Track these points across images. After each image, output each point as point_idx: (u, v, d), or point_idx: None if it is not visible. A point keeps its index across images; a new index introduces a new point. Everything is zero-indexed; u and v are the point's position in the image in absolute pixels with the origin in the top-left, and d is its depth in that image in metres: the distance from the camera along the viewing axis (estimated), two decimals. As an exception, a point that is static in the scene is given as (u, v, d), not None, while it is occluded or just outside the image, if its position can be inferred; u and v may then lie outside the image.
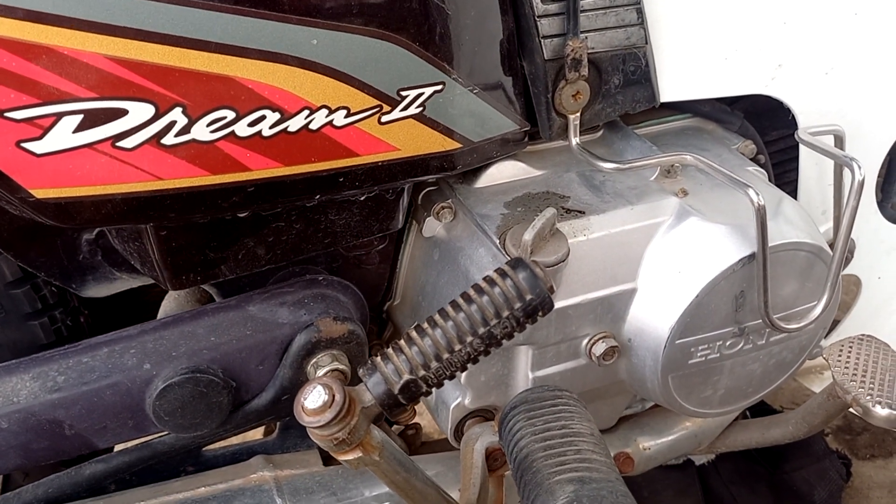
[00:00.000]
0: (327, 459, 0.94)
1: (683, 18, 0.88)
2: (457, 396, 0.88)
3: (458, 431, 0.90)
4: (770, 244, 0.80)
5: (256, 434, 1.00)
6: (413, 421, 1.04)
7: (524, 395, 0.77)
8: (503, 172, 0.89)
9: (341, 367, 0.82)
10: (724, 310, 0.84)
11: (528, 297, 0.57)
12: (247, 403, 0.82)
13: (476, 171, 0.89)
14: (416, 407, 0.96)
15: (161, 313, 0.92)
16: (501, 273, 0.59)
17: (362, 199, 0.79)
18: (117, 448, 0.86)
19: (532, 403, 0.76)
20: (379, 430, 0.59)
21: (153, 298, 1.05)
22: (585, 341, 0.85)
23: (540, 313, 0.59)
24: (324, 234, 0.79)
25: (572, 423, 0.73)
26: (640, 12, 0.84)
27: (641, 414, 1.06)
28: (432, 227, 0.90)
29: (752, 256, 0.82)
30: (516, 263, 0.60)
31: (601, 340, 0.85)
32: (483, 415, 0.90)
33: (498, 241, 0.80)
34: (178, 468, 0.90)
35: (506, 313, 0.57)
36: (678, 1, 0.87)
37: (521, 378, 0.86)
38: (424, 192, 0.90)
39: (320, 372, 0.81)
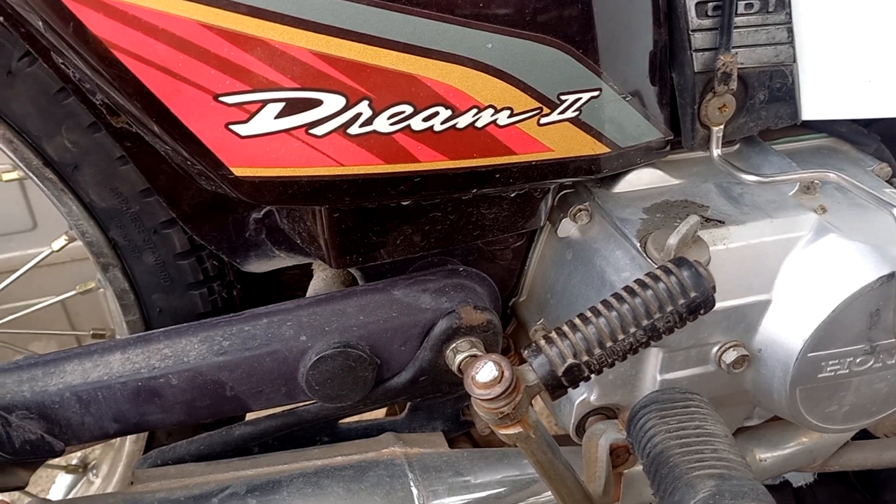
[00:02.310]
0: (451, 443, 0.99)
1: (830, 39, 0.89)
2: (582, 392, 0.91)
3: (580, 427, 0.93)
4: (910, 264, 0.81)
5: (382, 413, 1.06)
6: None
7: (655, 395, 0.79)
8: (641, 179, 0.92)
9: (478, 353, 0.86)
10: (857, 327, 0.85)
11: (693, 293, 0.60)
12: (387, 381, 0.88)
13: (615, 177, 0.92)
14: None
15: (310, 293, 0.98)
16: (666, 270, 0.62)
17: (512, 195, 0.83)
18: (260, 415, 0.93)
19: (663, 403, 0.78)
20: (534, 411, 0.63)
21: (289, 280, 1.12)
22: (716, 348, 0.87)
23: (702, 311, 0.62)
24: (474, 226, 0.83)
25: (706, 424, 0.75)
26: (791, 31, 0.86)
27: (759, 426, 1.06)
28: (567, 228, 0.93)
29: (890, 276, 0.82)
30: (680, 262, 0.63)
31: (732, 348, 0.86)
32: (605, 412, 0.93)
33: (639, 244, 0.83)
34: (315, 437, 0.96)
35: (669, 308, 0.60)
36: (826, 21, 0.88)
37: (648, 379, 0.89)
38: (562, 193, 0.94)
39: (459, 357, 0.85)
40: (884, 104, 0.94)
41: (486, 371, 0.57)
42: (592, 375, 0.61)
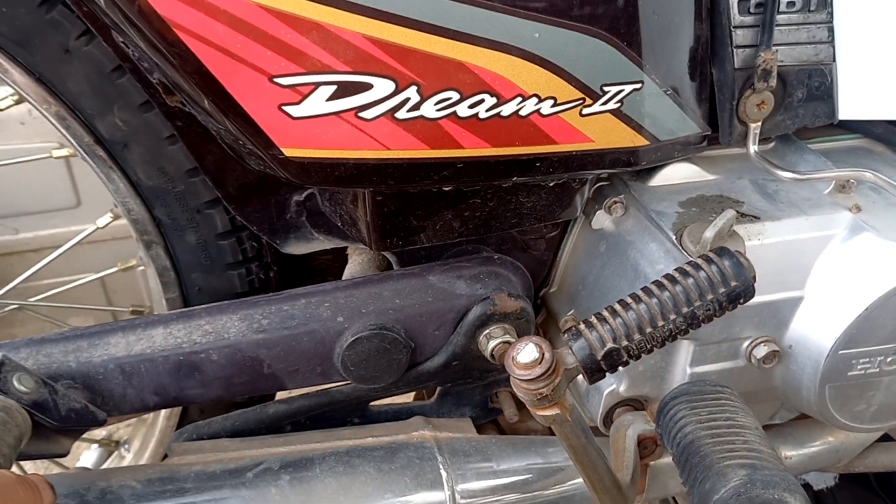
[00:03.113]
0: (478, 429, 1.00)
1: (870, 39, 0.89)
2: (611, 383, 0.92)
3: (608, 418, 0.94)
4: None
5: (409, 398, 1.08)
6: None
7: (685, 387, 0.80)
8: (677, 173, 0.93)
9: (511, 340, 0.87)
10: (889, 326, 0.85)
11: (733, 283, 0.61)
12: (420, 364, 0.89)
13: (650, 171, 0.93)
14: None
15: (346, 276, 1.00)
16: (707, 259, 0.63)
17: (551, 185, 0.84)
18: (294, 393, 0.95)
19: (694, 395, 0.79)
20: (570, 394, 0.64)
21: (321, 265, 1.14)
22: (747, 343, 0.88)
23: (742, 300, 0.62)
24: (512, 214, 0.85)
25: (737, 416, 0.76)
26: (832, 30, 0.87)
27: (784, 424, 1.07)
28: (601, 220, 0.94)
29: (924, 276, 0.83)
30: (721, 251, 0.64)
31: (763, 344, 0.87)
32: (633, 404, 0.94)
33: (674, 237, 0.84)
34: (346, 418, 0.97)
35: (710, 296, 0.61)
36: (867, 22, 0.89)
37: (678, 372, 0.90)
38: (597, 185, 0.95)
39: (492, 343, 0.87)
40: (922, 106, 0.94)
41: (527, 352, 0.58)
42: (631, 361, 0.62)
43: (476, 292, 0.88)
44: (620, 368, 0.89)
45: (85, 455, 1.24)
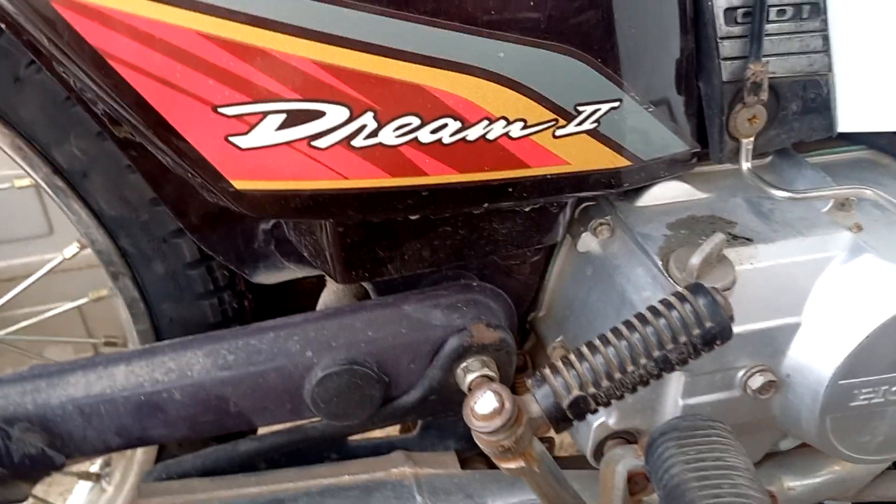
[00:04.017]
0: (464, 462, 0.96)
1: (869, 46, 0.84)
2: (600, 416, 0.87)
3: (598, 451, 0.89)
4: (951, 289, 0.75)
5: (395, 430, 1.03)
6: (547, 434, 1.04)
7: (675, 422, 0.75)
8: (666, 193, 0.88)
9: (490, 373, 0.83)
10: (893, 354, 0.80)
11: (708, 324, 0.57)
12: (396, 399, 0.85)
13: (638, 190, 0.88)
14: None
15: (320, 305, 0.96)
16: (680, 297, 0.59)
17: (527, 210, 0.80)
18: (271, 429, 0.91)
19: (683, 431, 0.74)
20: (539, 442, 0.60)
21: (306, 288, 1.10)
22: (741, 373, 0.83)
23: (718, 342, 0.58)
24: (486, 241, 0.80)
25: (727, 455, 0.71)
26: (826, 39, 0.81)
27: (788, 453, 1.02)
28: (588, 242, 0.89)
29: (930, 301, 0.77)
30: (697, 289, 0.59)
31: (759, 373, 0.82)
32: (624, 436, 0.89)
33: (660, 263, 0.79)
34: (323, 454, 0.93)
35: (683, 339, 0.57)
36: (865, 28, 0.83)
37: (670, 404, 0.84)
38: (582, 206, 0.90)
39: (469, 376, 0.82)
40: (927, 116, 0.88)
41: (485, 401, 0.54)
42: (601, 408, 0.58)
43: (453, 323, 0.83)
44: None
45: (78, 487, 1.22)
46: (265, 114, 0.62)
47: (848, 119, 0.86)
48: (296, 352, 0.81)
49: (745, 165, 0.83)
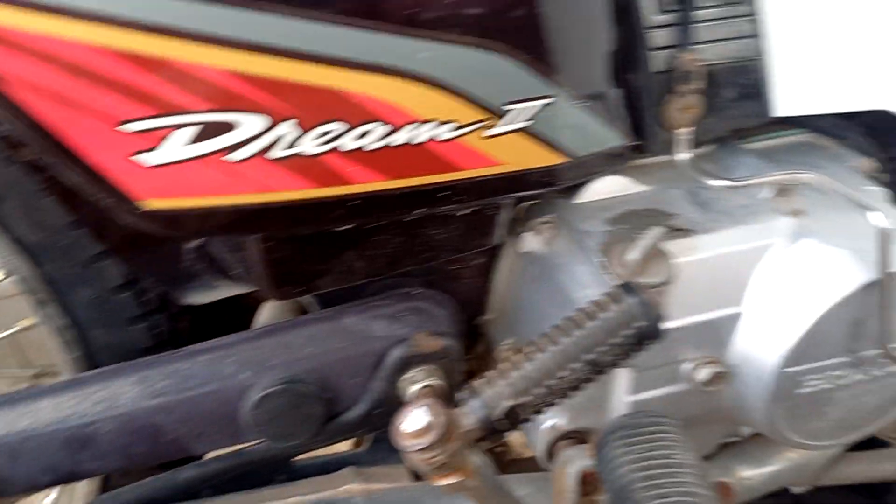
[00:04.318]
0: (417, 476, 0.93)
1: (801, 29, 0.83)
2: (550, 417, 0.85)
3: (550, 453, 0.87)
4: (893, 270, 0.75)
5: (346, 445, 1.00)
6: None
7: (623, 420, 0.74)
8: (606, 187, 0.87)
9: (435, 383, 0.80)
10: (839, 339, 0.79)
11: (638, 324, 0.55)
12: (340, 415, 0.82)
13: (578, 186, 0.86)
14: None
15: (259, 322, 0.93)
16: (609, 297, 0.57)
17: (462, 213, 0.77)
18: (210, 455, 0.87)
19: (631, 429, 0.73)
20: (478, 453, 0.57)
21: (250, 303, 1.06)
22: (688, 366, 0.82)
23: (649, 341, 0.56)
24: (423, 248, 0.78)
25: (673, 452, 0.70)
26: (756, 23, 0.80)
27: (742, 442, 1.01)
28: (531, 242, 0.88)
29: (872, 284, 0.76)
30: (626, 288, 0.57)
31: (706, 366, 0.81)
32: (576, 436, 0.87)
33: (600, 260, 0.77)
34: (270, 476, 0.90)
35: (614, 340, 0.55)
36: (796, 11, 0.82)
37: (618, 401, 0.83)
38: (524, 206, 0.88)
39: (414, 388, 0.80)
40: (862, 96, 0.88)
41: (413, 419, 0.52)
42: (534, 417, 0.55)
43: (395, 333, 0.81)
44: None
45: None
46: (173, 127, 0.59)
47: (784, 103, 0.85)
48: (231, 374, 0.77)
49: (682, 156, 0.82)
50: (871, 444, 1.14)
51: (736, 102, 0.83)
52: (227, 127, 0.60)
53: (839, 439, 0.90)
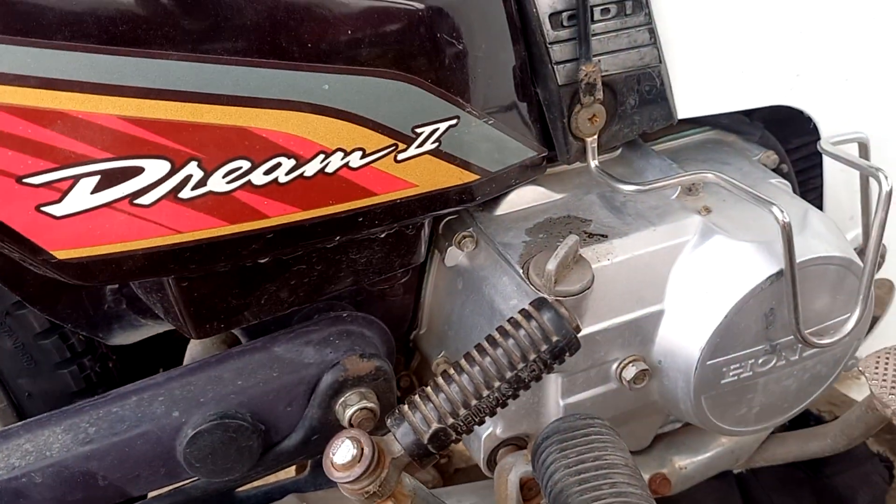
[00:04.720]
0: (360, 495, 0.94)
1: (696, 34, 0.87)
2: (488, 426, 0.87)
3: (491, 461, 0.89)
4: (798, 259, 0.78)
5: (288, 472, 1.00)
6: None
7: (555, 426, 0.76)
8: (523, 198, 0.89)
9: (370, 405, 0.81)
10: (754, 328, 0.83)
11: (555, 338, 0.57)
12: (277, 445, 0.82)
13: (496, 198, 0.88)
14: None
15: (187, 357, 0.92)
16: (526, 315, 0.58)
17: (382, 236, 0.78)
18: (151, 494, 0.86)
19: (564, 433, 0.75)
20: (410, 477, 0.58)
21: (182, 337, 1.05)
22: (615, 366, 0.84)
23: (567, 354, 0.58)
24: (346, 273, 0.79)
25: (605, 453, 0.72)
26: (653, 32, 0.83)
27: (676, 432, 1.04)
28: (454, 256, 0.89)
29: (779, 274, 0.80)
30: (540, 304, 0.59)
31: (631, 364, 0.84)
32: (515, 443, 0.89)
33: (521, 271, 0.79)
34: (213, 510, 0.90)
35: (532, 356, 0.56)
36: (690, 18, 0.86)
37: (551, 406, 0.85)
38: (445, 221, 0.90)
39: (349, 411, 0.80)
40: (759, 93, 0.92)
41: (343, 451, 0.52)
42: (463, 436, 0.57)
43: (326, 358, 0.81)
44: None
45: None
46: (76, 178, 0.58)
47: (686, 105, 0.89)
48: (161, 413, 0.77)
49: (593, 164, 0.84)
50: (806, 421, 1.19)
51: (640, 109, 0.86)
52: (131, 172, 0.60)
53: (765, 423, 0.93)
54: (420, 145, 0.72)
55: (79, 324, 0.82)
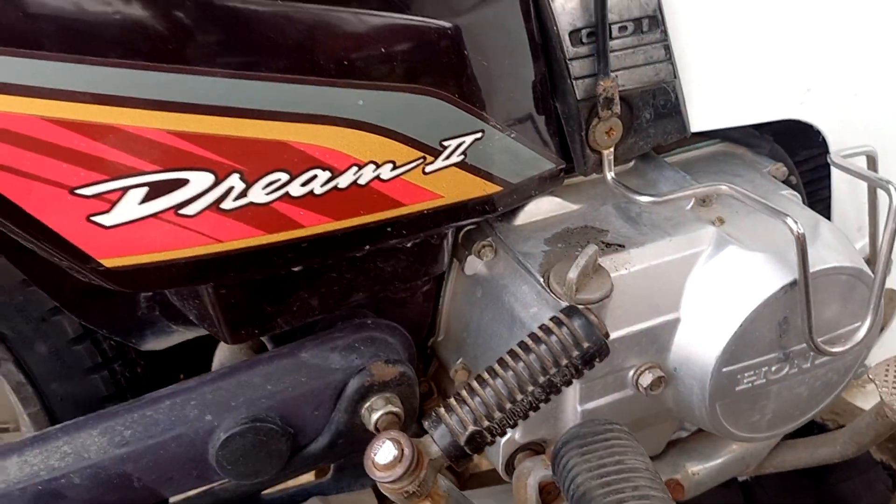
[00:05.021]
0: (381, 499, 0.96)
1: (710, 50, 0.90)
2: (506, 432, 0.89)
3: (509, 465, 0.91)
4: (810, 270, 0.81)
5: (310, 476, 1.03)
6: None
7: (576, 430, 0.78)
8: (541, 208, 0.91)
9: (395, 409, 0.84)
10: (768, 336, 0.85)
11: (586, 344, 0.59)
12: (304, 448, 0.84)
13: (515, 209, 0.91)
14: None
15: (215, 362, 0.95)
16: (557, 322, 0.61)
17: (409, 245, 0.81)
18: (179, 497, 0.89)
19: (584, 438, 0.77)
20: (444, 478, 0.61)
21: (203, 344, 1.08)
22: (632, 372, 0.87)
23: (598, 360, 0.60)
24: (373, 281, 0.81)
25: (626, 458, 0.74)
26: (668, 48, 0.86)
27: (688, 438, 1.07)
28: (474, 265, 0.92)
29: (793, 283, 0.83)
30: (571, 311, 0.61)
31: (647, 371, 0.86)
32: (533, 448, 0.91)
33: (542, 280, 0.82)
34: (239, 512, 0.92)
35: (564, 362, 0.59)
36: (704, 35, 0.89)
37: (569, 411, 0.87)
38: (465, 231, 0.92)
39: (374, 416, 0.83)
40: (770, 108, 0.95)
41: (385, 451, 0.55)
42: (497, 439, 0.59)
43: (352, 364, 0.84)
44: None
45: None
46: (125, 189, 0.61)
47: (699, 119, 0.91)
48: (194, 417, 0.79)
49: (609, 175, 0.87)
50: (810, 429, 1.21)
51: (655, 122, 0.89)
52: (177, 184, 0.63)
53: (777, 430, 0.96)
54: (447, 158, 0.74)
55: (113, 329, 0.84)
